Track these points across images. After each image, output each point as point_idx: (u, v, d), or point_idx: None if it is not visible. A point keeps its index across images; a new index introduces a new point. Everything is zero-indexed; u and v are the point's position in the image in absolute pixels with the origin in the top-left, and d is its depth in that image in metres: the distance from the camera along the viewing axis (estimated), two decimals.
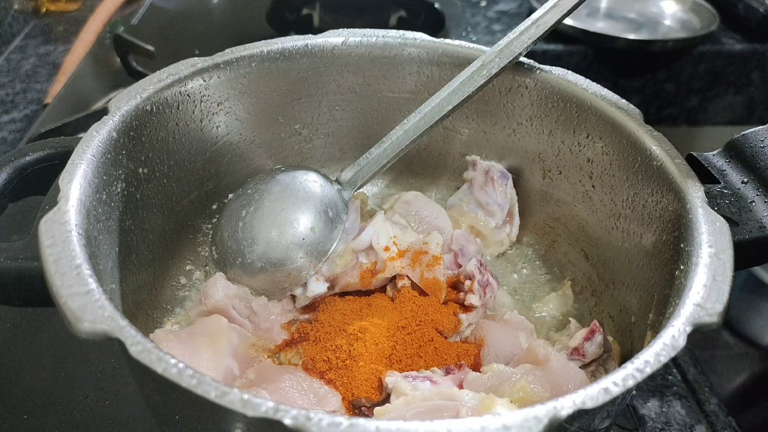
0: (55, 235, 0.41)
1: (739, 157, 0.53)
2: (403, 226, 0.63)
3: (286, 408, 0.33)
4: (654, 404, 0.68)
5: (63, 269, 0.39)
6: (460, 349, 0.57)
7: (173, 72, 0.59)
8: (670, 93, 1.35)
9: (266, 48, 0.64)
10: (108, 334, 0.36)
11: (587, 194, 0.63)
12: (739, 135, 0.54)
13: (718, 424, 0.66)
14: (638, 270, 0.55)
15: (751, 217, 0.49)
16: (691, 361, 0.72)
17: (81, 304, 0.37)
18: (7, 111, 1.04)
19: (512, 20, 1.38)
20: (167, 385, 0.34)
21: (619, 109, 0.58)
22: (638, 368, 0.37)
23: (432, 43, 0.67)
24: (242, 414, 0.33)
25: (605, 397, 0.35)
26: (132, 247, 0.56)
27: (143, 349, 0.35)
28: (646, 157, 0.55)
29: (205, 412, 0.38)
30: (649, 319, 0.51)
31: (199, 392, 0.34)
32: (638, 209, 0.56)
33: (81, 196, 0.45)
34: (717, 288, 0.42)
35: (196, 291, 0.63)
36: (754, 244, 0.47)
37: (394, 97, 0.70)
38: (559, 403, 0.34)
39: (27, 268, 0.43)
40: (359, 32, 0.67)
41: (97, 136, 0.50)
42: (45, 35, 1.26)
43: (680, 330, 0.39)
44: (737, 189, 0.51)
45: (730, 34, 1.34)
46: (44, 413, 0.60)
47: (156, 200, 0.59)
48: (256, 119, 0.67)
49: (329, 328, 0.56)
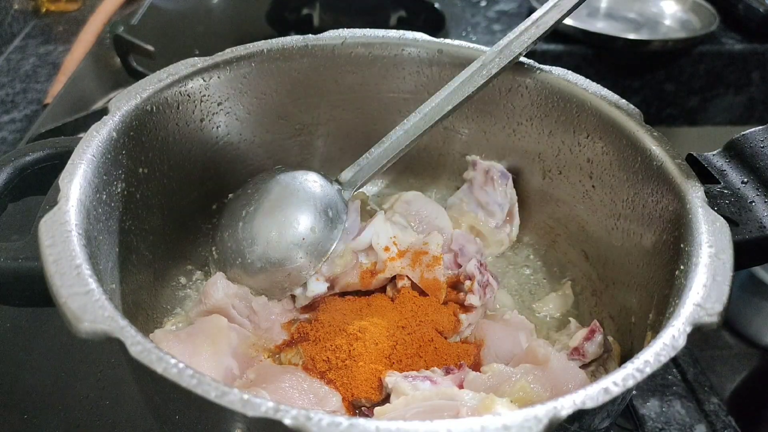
0: (55, 235, 0.41)
1: (739, 157, 0.53)
2: (403, 226, 0.63)
3: (286, 408, 0.33)
4: (654, 404, 0.68)
5: (63, 269, 0.39)
6: (460, 349, 0.57)
7: (173, 72, 0.59)
8: (670, 93, 1.35)
9: (266, 48, 0.64)
10: (108, 334, 0.36)
11: (587, 194, 0.63)
12: (739, 135, 0.53)
13: (718, 424, 0.66)
14: (638, 270, 0.55)
15: (751, 217, 0.48)
16: (691, 361, 0.72)
17: (81, 304, 0.37)
18: (7, 111, 1.04)
19: (512, 20, 1.38)
20: (167, 385, 0.34)
21: (619, 109, 0.58)
22: (638, 368, 0.37)
23: (432, 43, 0.67)
24: (242, 414, 0.33)
25: (605, 397, 0.35)
26: (132, 247, 0.56)
27: (143, 349, 0.35)
28: (646, 157, 0.55)
29: (206, 412, 0.38)
30: (649, 319, 0.51)
31: (199, 392, 0.34)
32: (638, 209, 0.56)
33: (81, 196, 0.45)
34: (717, 288, 0.42)
35: (196, 291, 0.63)
36: (754, 244, 0.47)
37: (394, 97, 0.70)
38: (559, 403, 0.34)
39: (27, 268, 0.43)
40: (359, 32, 0.67)
41: (97, 136, 0.50)
42: (45, 35, 1.26)
43: (680, 330, 0.39)
44: (737, 189, 0.51)
45: (730, 34, 1.34)
46: (44, 413, 0.60)
47: (156, 200, 0.59)
48: (256, 119, 0.67)
49: (329, 328, 0.56)
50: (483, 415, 0.34)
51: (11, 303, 0.46)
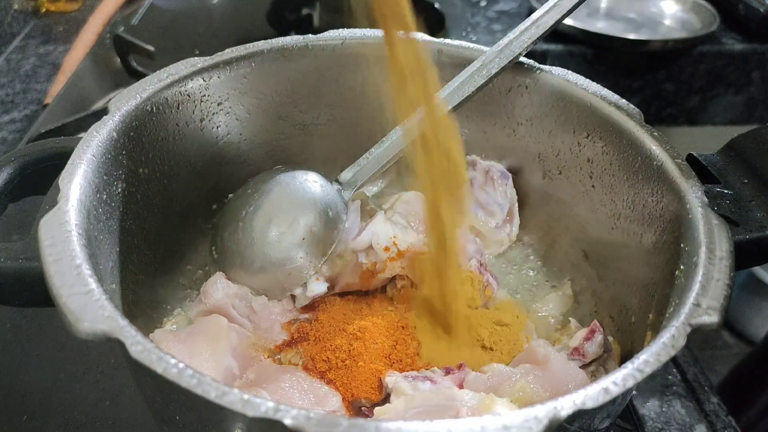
0: (55, 235, 0.41)
1: (739, 157, 0.53)
2: (403, 226, 0.63)
3: (286, 408, 0.32)
4: (654, 404, 0.68)
5: (63, 269, 0.39)
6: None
7: (173, 72, 0.59)
8: (670, 93, 1.35)
9: (266, 48, 0.64)
10: (108, 334, 0.36)
11: (587, 194, 0.63)
12: (739, 135, 0.53)
13: (718, 424, 0.66)
14: (638, 270, 0.55)
15: (751, 217, 0.48)
16: (691, 360, 0.72)
17: (81, 304, 0.37)
18: (7, 111, 1.04)
19: (512, 20, 1.38)
20: (167, 385, 0.34)
21: (619, 108, 0.58)
22: (638, 368, 0.37)
23: (432, 43, 0.67)
24: (242, 414, 0.33)
25: (605, 397, 0.35)
26: (132, 247, 0.56)
27: (143, 349, 0.35)
28: (646, 157, 0.54)
29: (206, 413, 0.38)
30: (649, 319, 0.51)
31: (199, 392, 0.33)
32: (638, 209, 0.56)
33: (81, 196, 0.45)
34: (717, 288, 0.42)
35: (197, 291, 0.63)
36: (754, 244, 0.47)
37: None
38: (559, 403, 0.34)
39: (27, 268, 0.43)
40: (359, 32, 0.67)
41: (97, 136, 0.50)
42: (45, 35, 1.26)
43: (680, 330, 0.39)
44: (737, 189, 0.51)
45: (730, 34, 1.34)
46: (44, 414, 0.60)
47: (156, 200, 0.59)
48: (256, 119, 0.67)
49: (329, 328, 0.56)
50: (483, 415, 0.34)
51: (11, 303, 0.46)
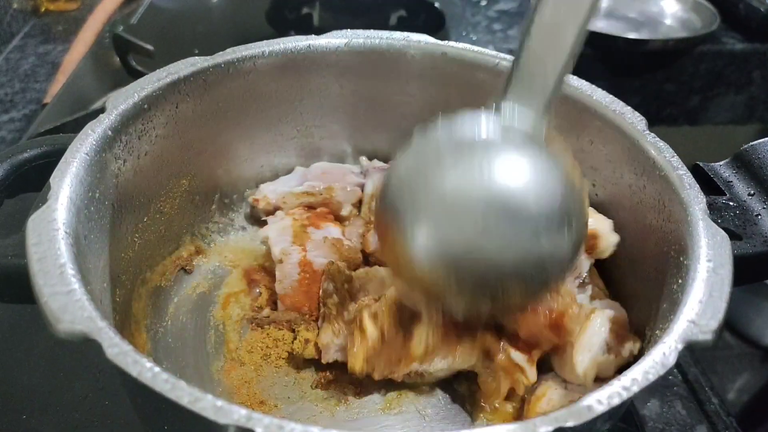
0: (41, 234, 0.41)
1: (746, 169, 0.51)
2: None
3: (258, 416, 0.32)
4: (655, 404, 0.67)
5: (47, 268, 0.39)
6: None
7: (172, 71, 0.58)
8: (670, 93, 1.35)
9: (267, 48, 0.63)
10: (86, 334, 0.36)
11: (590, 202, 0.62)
12: (747, 146, 0.51)
13: (719, 425, 0.66)
14: (639, 283, 0.54)
15: (756, 231, 0.47)
16: (691, 361, 0.72)
17: (61, 304, 0.37)
18: (6, 110, 1.04)
19: (512, 20, 1.38)
20: (142, 388, 0.34)
21: (623, 116, 0.57)
22: (625, 386, 0.36)
23: (436, 46, 0.66)
24: (214, 421, 0.32)
25: (589, 415, 0.35)
26: (126, 246, 0.55)
27: (120, 352, 0.35)
28: (649, 166, 0.53)
29: (180, 417, 0.37)
30: (647, 334, 0.50)
31: (172, 397, 0.33)
32: (641, 219, 0.55)
33: (71, 195, 0.45)
34: (713, 304, 0.40)
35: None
36: (758, 258, 0.46)
37: (398, 100, 0.69)
38: (540, 420, 0.34)
39: (16, 265, 0.43)
40: (362, 33, 0.66)
41: (92, 134, 0.50)
42: (44, 35, 1.26)
43: (671, 347, 0.38)
44: (743, 201, 0.49)
45: (730, 33, 1.34)
46: (43, 413, 0.60)
47: (152, 199, 0.59)
48: (257, 119, 0.67)
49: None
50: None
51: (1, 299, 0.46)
